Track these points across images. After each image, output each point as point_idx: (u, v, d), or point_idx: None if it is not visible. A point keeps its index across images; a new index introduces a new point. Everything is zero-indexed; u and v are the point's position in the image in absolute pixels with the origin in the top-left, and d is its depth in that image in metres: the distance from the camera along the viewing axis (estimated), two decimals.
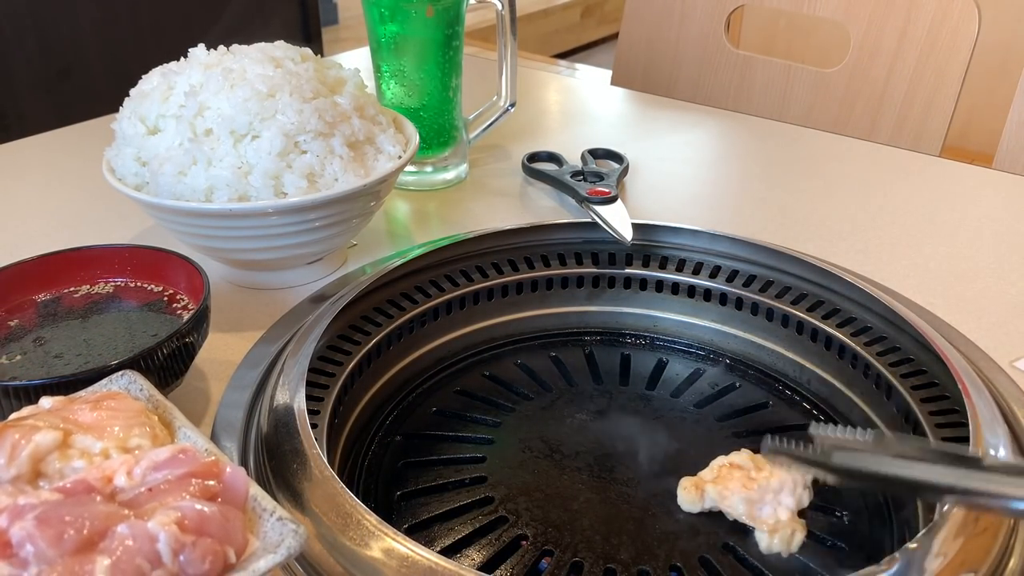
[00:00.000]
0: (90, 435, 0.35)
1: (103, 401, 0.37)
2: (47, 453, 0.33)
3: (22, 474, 0.33)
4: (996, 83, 1.68)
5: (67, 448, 0.34)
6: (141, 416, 0.36)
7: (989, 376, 0.49)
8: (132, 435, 0.35)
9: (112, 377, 0.39)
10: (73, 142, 0.83)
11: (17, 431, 0.34)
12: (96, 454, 0.34)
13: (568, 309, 0.59)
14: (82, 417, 0.36)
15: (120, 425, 0.35)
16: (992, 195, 0.73)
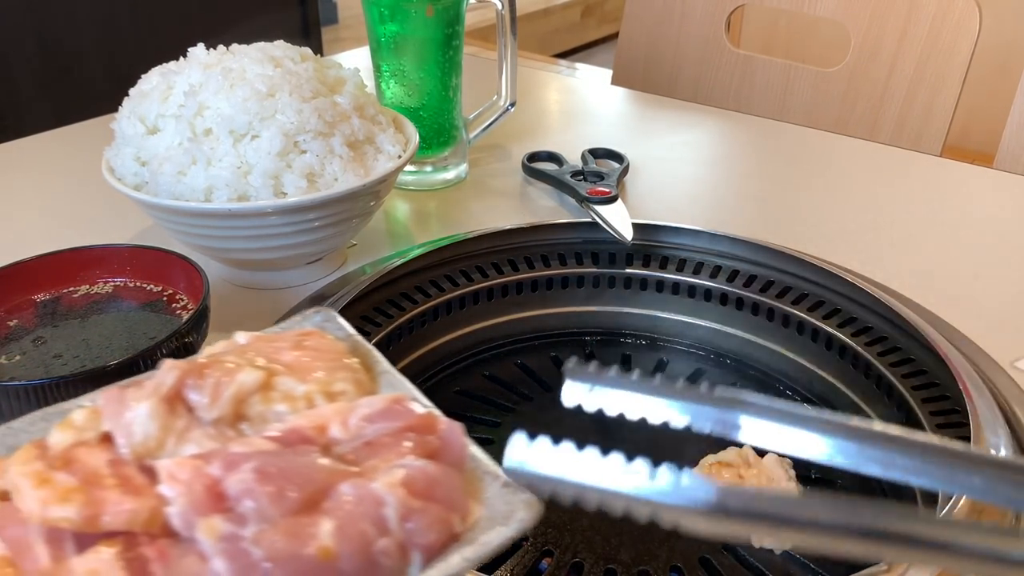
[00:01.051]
0: (292, 377, 0.32)
1: (303, 340, 0.34)
2: (249, 394, 0.31)
3: (224, 416, 0.31)
4: (997, 83, 1.68)
5: (269, 390, 0.31)
6: (344, 358, 0.33)
7: (990, 376, 0.48)
8: (336, 379, 0.32)
9: (306, 313, 0.37)
10: (72, 142, 0.83)
11: (218, 370, 0.31)
12: (299, 398, 0.32)
13: (568, 309, 0.59)
14: (283, 357, 0.33)
15: (323, 368, 0.33)
16: (993, 195, 0.73)
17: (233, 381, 0.31)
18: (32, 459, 0.29)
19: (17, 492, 0.28)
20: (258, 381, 0.31)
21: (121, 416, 0.30)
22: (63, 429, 0.31)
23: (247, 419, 0.31)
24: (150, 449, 0.30)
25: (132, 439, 0.30)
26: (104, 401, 0.31)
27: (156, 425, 0.30)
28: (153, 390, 0.31)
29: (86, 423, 0.31)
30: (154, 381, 0.31)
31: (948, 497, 0.38)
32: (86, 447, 0.30)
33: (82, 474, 0.28)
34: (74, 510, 0.27)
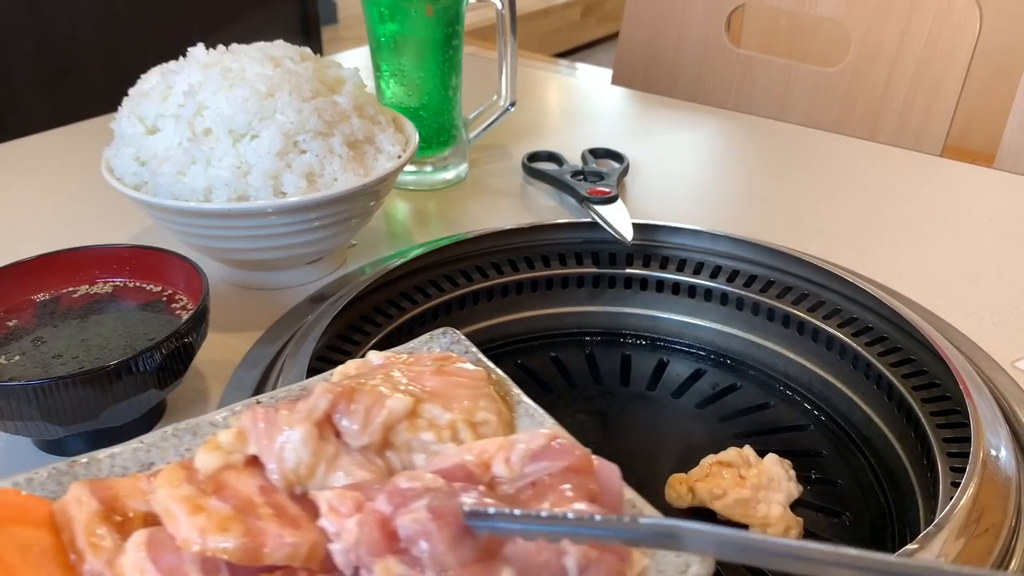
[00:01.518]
0: (437, 404, 0.31)
1: (444, 365, 0.34)
2: (398, 421, 0.30)
3: (373, 443, 0.30)
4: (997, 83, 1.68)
5: (415, 417, 0.31)
6: (485, 386, 0.33)
7: (990, 376, 0.48)
8: (479, 408, 0.32)
9: (433, 334, 0.36)
10: (72, 142, 0.83)
11: (368, 395, 0.30)
12: (443, 426, 0.31)
13: (568, 309, 0.59)
14: (428, 383, 0.32)
15: (467, 396, 0.32)
16: (993, 195, 0.73)
17: (384, 408, 0.30)
18: (180, 482, 0.28)
19: (170, 518, 0.27)
20: (408, 408, 0.31)
21: (272, 440, 0.29)
22: (210, 451, 0.30)
23: (393, 447, 0.30)
24: (301, 476, 0.29)
25: (284, 465, 0.29)
26: (250, 422, 0.30)
27: (308, 452, 0.29)
28: (307, 415, 0.30)
29: (233, 445, 0.30)
30: (308, 405, 0.30)
31: (948, 499, 0.37)
32: (234, 471, 0.29)
33: (235, 501, 0.28)
34: (234, 541, 0.26)
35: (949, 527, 0.35)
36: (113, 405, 0.40)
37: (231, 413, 0.34)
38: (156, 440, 0.33)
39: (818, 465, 0.48)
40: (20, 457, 0.43)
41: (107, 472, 0.32)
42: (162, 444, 0.33)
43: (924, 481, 0.44)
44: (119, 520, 0.29)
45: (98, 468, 0.32)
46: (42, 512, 0.29)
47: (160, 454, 0.32)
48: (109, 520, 0.28)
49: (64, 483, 0.31)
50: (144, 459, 0.32)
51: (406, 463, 0.31)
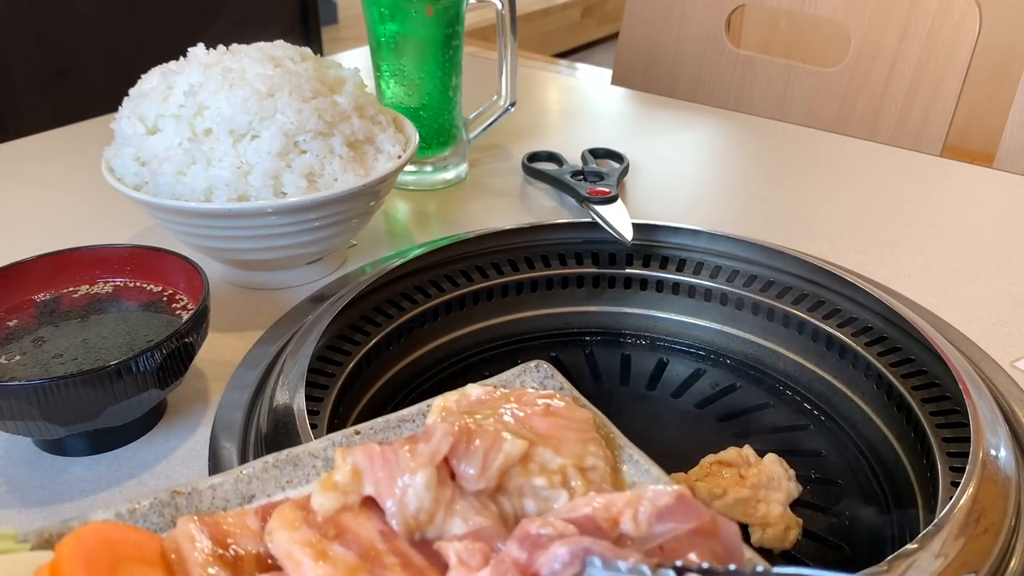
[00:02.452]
0: (548, 448, 0.31)
1: (550, 406, 0.33)
2: (514, 466, 0.30)
3: (488, 488, 0.29)
4: (997, 83, 1.68)
5: (527, 461, 0.30)
6: (592, 430, 0.32)
7: (990, 376, 0.48)
8: (588, 453, 0.31)
9: (526, 367, 0.36)
10: (72, 142, 0.83)
11: (485, 438, 0.30)
12: (554, 471, 0.30)
13: (568, 309, 0.59)
14: (537, 425, 0.32)
15: (576, 439, 0.31)
16: (993, 195, 0.73)
17: (501, 452, 0.30)
18: (298, 524, 0.28)
19: (294, 564, 0.27)
20: (523, 451, 0.30)
21: (393, 483, 0.29)
22: (327, 491, 0.29)
23: (506, 491, 0.30)
24: (421, 523, 0.28)
25: (405, 511, 0.28)
26: (367, 462, 0.29)
27: (431, 497, 0.28)
28: (430, 458, 0.29)
29: (349, 485, 0.29)
30: (430, 448, 0.29)
31: (948, 498, 0.38)
32: (351, 512, 0.29)
33: (358, 548, 0.27)
34: None
35: (949, 527, 0.35)
36: (113, 405, 0.40)
37: (331, 444, 0.34)
38: (257, 471, 0.32)
39: (818, 465, 0.48)
40: (20, 457, 0.43)
41: (208, 504, 0.31)
42: (263, 476, 0.32)
43: (924, 481, 0.44)
44: (232, 560, 0.28)
45: (199, 500, 0.31)
46: (154, 549, 0.28)
47: (261, 486, 0.32)
48: (224, 560, 0.28)
49: (166, 515, 0.30)
50: (245, 491, 0.32)
51: (517, 508, 0.30)
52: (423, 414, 0.35)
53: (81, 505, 0.41)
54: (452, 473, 0.30)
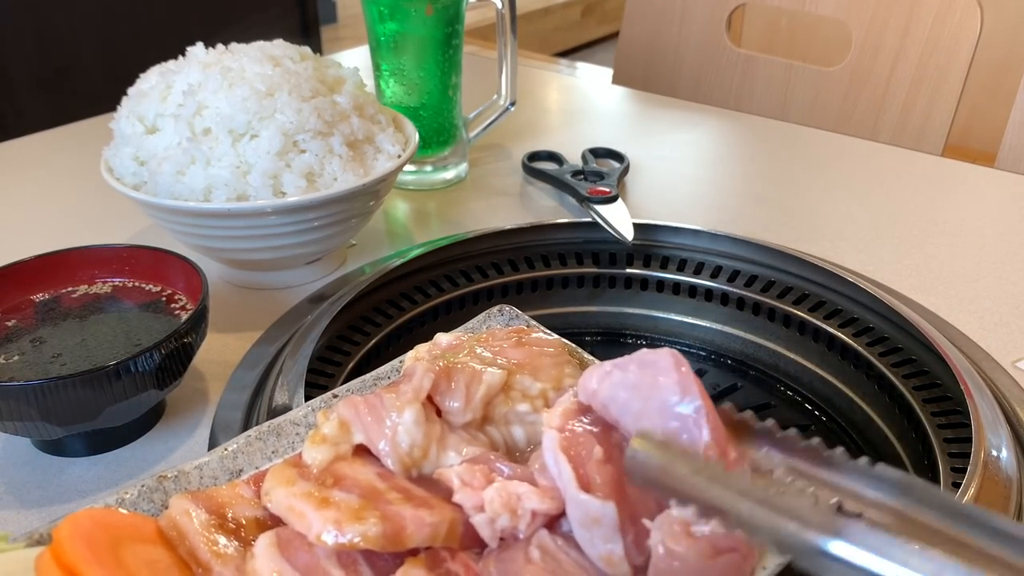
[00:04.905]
0: (527, 375, 0.31)
1: (522, 337, 0.33)
2: (496, 395, 0.30)
3: (475, 419, 0.30)
4: (998, 82, 1.68)
5: (509, 389, 0.31)
6: (565, 354, 0.33)
7: (991, 376, 0.48)
8: (565, 375, 0.32)
9: (489, 312, 0.36)
10: (71, 141, 0.83)
11: (464, 372, 0.30)
12: (535, 396, 0.31)
13: (568, 309, 0.59)
14: (513, 354, 0.32)
15: (552, 364, 0.32)
16: (994, 195, 0.72)
17: (482, 383, 0.30)
18: (295, 479, 0.28)
19: (297, 516, 0.26)
20: (503, 380, 0.30)
21: (382, 425, 0.29)
22: (316, 444, 0.29)
23: (492, 421, 0.30)
24: (416, 459, 0.29)
25: (398, 449, 0.28)
26: (352, 411, 0.29)
27: (421, 432, 0.29)
28: (414, 395, 0.29)
29: (338, 436, 0.29)
30: (413, 386, 0.30)
31: None
32: (345, 461, 0.29)
33: (359, 490, 0.27)
34: (374, 529, 0.25)
35: None
36: (112, 405, 0.40)
37: (311, 410, 0.34)
38: (241, 446, 0.32)
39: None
40: (19, 457, 0.43)
41: (197, 484, 0.31)
42: (247, 449, 0.32)
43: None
44: (233, 527, 0.28)
45: (187, 481, 0.31)
46: (151, 529, 0.28)
47: (247, 459, 0.32)
48: (224, 528, 0.28)
49: (156, 500, 0.30)
50: (232, 467, 0.32)
51: (506, 436, 0.31)
52: (397, 370, 0.36)
53: (80, 506, 0.40)
54: (438, 411, 0.30)
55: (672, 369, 0.26)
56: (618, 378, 0.28)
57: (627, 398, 0.27)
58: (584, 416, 0.28)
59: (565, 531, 0.26)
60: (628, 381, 0.27)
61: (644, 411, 0.27)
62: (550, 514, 0.26)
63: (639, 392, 0.27)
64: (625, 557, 0.25)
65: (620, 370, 0.28)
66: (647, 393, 0.27)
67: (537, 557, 0.25)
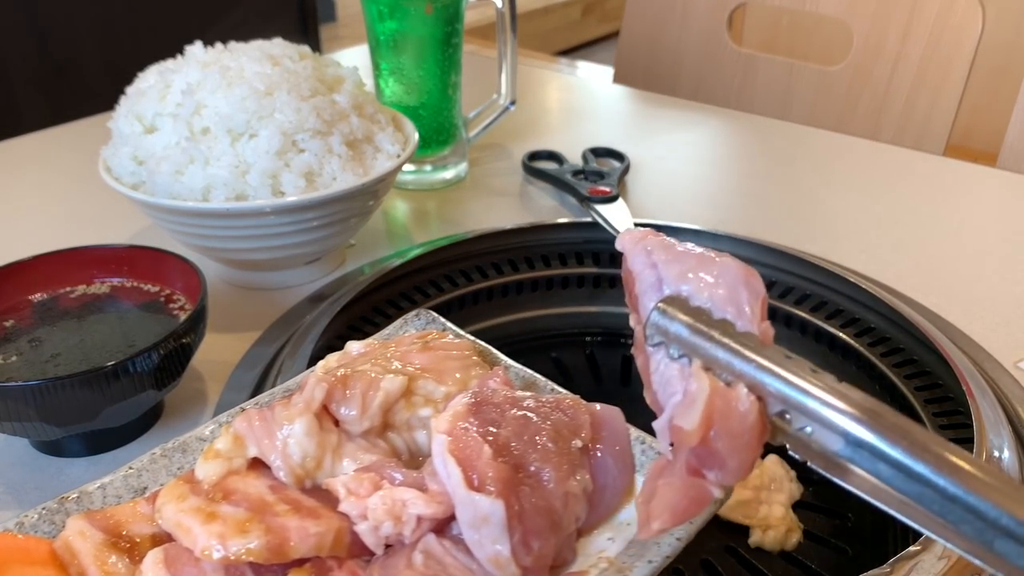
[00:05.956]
0: (430, 379, 0.31)
1: (429, 341, 0.33)
2: (395, 401, 0.30)
3: (374, 427, 0.30)
4: (1000, 82, 1.68)
5: (411, 395, 0.31)
6: (473, 356, 0.33)
7: (993, 377, 0.48)
8: (471, 377, 0.32)
9: (406, 317, 0.36)
10: (69, 141, 0.83)
11: (361, 380, 0.30)
12: (440, 400, 0.31)
13: (569, 309, 0.59)
14: (416, 359, 0.32)
15: (458, 367, 0.32)
16: (996, 194, 0.72)
17: (379, 390, 0.30)
18: (186, 495, 0.28)
19: (184, 531, 0.27)
20: (402, 387, 0.31)
21: (273, 438, 0.29)
22: (208, 459, 0.29)
23: (394, 427, 0.30)
24: (308, 470, 0.29)
25: (290, 461, 0.29)
26: (245, 425, 0.30)
27: (313, 443, 0.29)
28: (305, 406, 0.29)
29: (231, 450, 0.29)
30: (304, 397, 0.30)
31: None
32: (238, 476, 0.29)
33: (248, 503, 0.27)
34: (257, 541, 0.26)
35: None
36: (111, 406, 0.40)
37: (218, 425, 0.34)
38: (145, 464, 0.32)
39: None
40: (18, 458, 0.43)
41: (99, 503, 0.31)
42: (152, 467, 0.32)
43: None
44: (127, 547, 0.28)
45: (90, 501, 0.31)
46: (43, 551, 0.28)
47: (152, 477, 0.32)
48: (117, 548, 0.28)
49: (57, 522, 0.30)
50: (136, 484, 0.32)
51: (408, 441, 0.31)
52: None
53: None
54: (337, 421, 0.30)
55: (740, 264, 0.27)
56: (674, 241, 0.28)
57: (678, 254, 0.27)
58: (475, 418, 0.28)
59: (456, 535, 0.27)
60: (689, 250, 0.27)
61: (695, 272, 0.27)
62: (437, 518, 0.27)
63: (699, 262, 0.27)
64: (512, 557, 0.25)
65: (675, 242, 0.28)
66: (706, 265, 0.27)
67: (419, 562, 0.26)
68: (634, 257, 0.28)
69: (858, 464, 0.22)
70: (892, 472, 0.22)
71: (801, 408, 0.24)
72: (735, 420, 0.24)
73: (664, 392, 0.26)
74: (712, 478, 0.25)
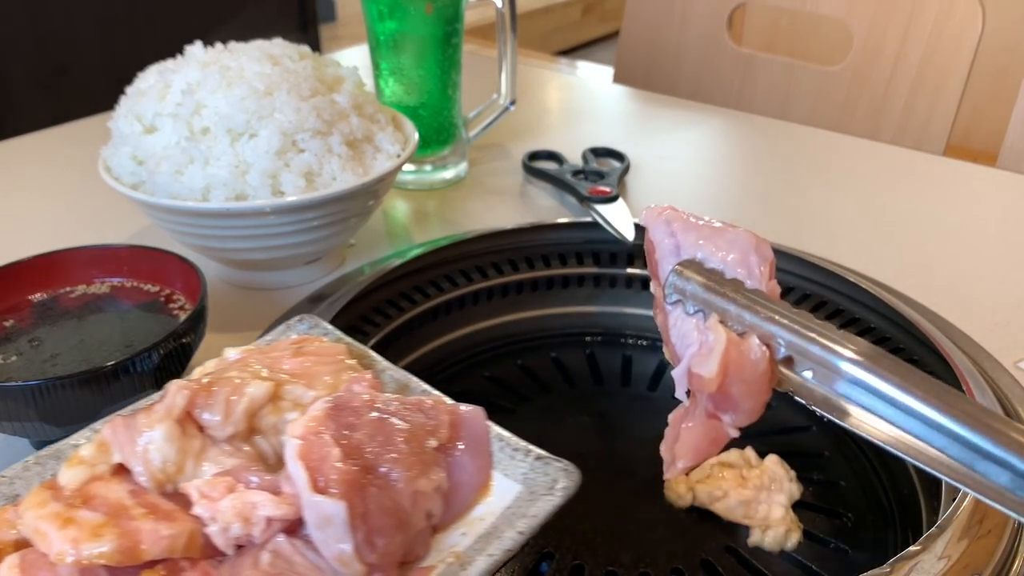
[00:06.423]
0: (300, 384, 0.32)
1: (302, 346, 0.34)
2: (260, 407, 0.31)
3: (239, 432, 0.31)
4: (1000, 82, 1.68)
5: (278, 400, 0.32)
6: (345, 360, 0.34)
7: (993, 376, 0.48)
8: (342, 381, 0.32)
9: (290, 323, 0.37)
10: (69, 141, 0.83)
11: (226, 386, 0.31)
12: (307, 404, 0.32)
13: (569, 309, 0.59)
14: (286, 365, 0.33)
15: (328, 372, 0.33)
16: (996, 194, 0.72)
17: (244, 395, 0.31)
18: (47, 501, 0.28)
19: (40, 537, 0.27)
20: (268, 392, 0.31)
21: (134, 444, 0.30)
22: (72, 466, 0.30)
23: (260, 431, 0.31)
24: (169, 474, 0.29)
25: (151, 466, 0.29)
26: (111, 432, 0.30)
27: (174, 448, 0.29)
28: (165, 413, 0.30)
29: (95, 456, 0.30)
30: (164, 404, 0.30)
31: (951, 500, 0.37)
32: (101, 481, 0.29)
33: (106, 508, 0.28)
34: (109, 545, 0.26)
35: (952, 528, 0.35)
36: (111, 406, 0.40)
37: (92, 432, 0.34)
38: (18, 472, 0.33)
39: (820, 466, 0.48)
40: (18, 458, 0.43)
41: None
42: (25, 475, 0.33)
43: (926, 482, 0.44)
44: None
45: None
46: None
47: (25, 484, 0.32)
48: None
49: None
50: (8, 492, 0.32)
51: (275, 445, 0.32)
52: None
53: None
54: (202, 427, 0.31)
55: (751, 233, 0.29)
56: (687, 214, 0.31)
57: (695, 226, 0.30)
58: (332, 422, 0.29)
59: (307, 535, 0.28)
60: (705, 223, 0.30)
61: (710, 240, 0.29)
62: (287, 519, 0.28)
63: (714, 232, 0.30)
64: (355, 555, 0.26)
65: (693, 215, 0.31)
66: (721, 234, 0.29)
67: (266, 561, 0.27)
68: (655, 227, 0.31)
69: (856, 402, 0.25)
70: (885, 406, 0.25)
71: (806, 353, 0.26)
72: (748, 367, 0.27)
73: (681, 344, 0.29)
74: (728, 420, 0.28)
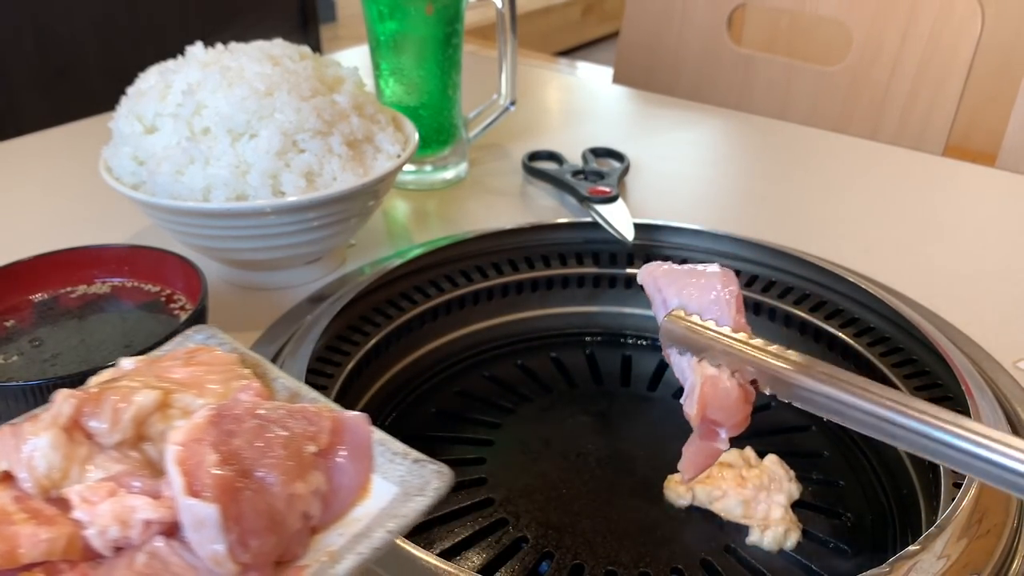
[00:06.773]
0: (190, 392, 0.33)
1: (194, 356, 0.35)
2: (149, 414, 0.32)
3: (126, 439, 0.31)
4: (999, 82, 1.68)
5: (167, 408, 0.32)
6: (236, 369, 0.34)
7: (992, 376, 0.48)
8: (232, 390, 0.33)
9: (187, 333, 0.37)
10: (70, 141, 0.83)
11: (115, 393, 0.32)
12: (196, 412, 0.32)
13: (569, 309, 0.59)
14: (176, 374, 0.34)
15: (218, 380, 0.34)
16: (995, 195, 0.72)
17: (131, 403, 0.32)
18: None
19: None
20: (156, 401, 0.32)
21: (19, 451, 0.30)
22: None
23: (149, 439, 0.32)
24: (55, 481, 0.30)
25: (35, 472, 0.30)
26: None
27: (59, 455, 0.30)
28: (51, 421, 0.31)
29: None
30: (51, 412, 0.31)
31: (950, 499, 0.37)
32: None
33: None
34: None
35: (951, 528, 0.35)
36: None
37: None
38: None
39: (819, 466, 0.48)
40: None
41: None
42: None
43: (925, 482, 0.44)
44: None
45: None
46: None
47: None
48: None
49: None
50: None
51: (163, 451, 0.32)
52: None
53: None
54: (90, 434, 0.31)
55: (720, 271, 0.36)
56: (674, 266, 0.37)
57: (675, 276, 0.36)
58: (213, 428, 0.30)
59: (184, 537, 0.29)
60: (683, 270, 0.36)
61: (686, 288, 0.35)
62: (165, 522, 0.29)
63: (690, 277, 0.36)
64: (229, 555, 0.27)
65: (676, 265, 0.37)
66: (695, 278, 0.35)
67: (141, 562, 0.28)
68: (646, 285, 0.37)
69: (811, 403, 0.32)
70: (831, 402, 0.31)
71: (762, 373, 0.33)
72: (722, 397, 0.34)
73: (682, 379, 0.35)
74: (722, 436, 0.34)
